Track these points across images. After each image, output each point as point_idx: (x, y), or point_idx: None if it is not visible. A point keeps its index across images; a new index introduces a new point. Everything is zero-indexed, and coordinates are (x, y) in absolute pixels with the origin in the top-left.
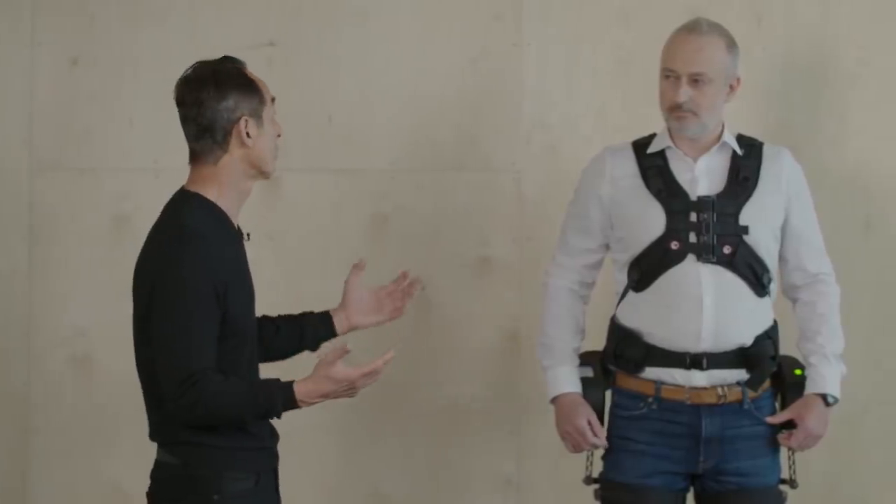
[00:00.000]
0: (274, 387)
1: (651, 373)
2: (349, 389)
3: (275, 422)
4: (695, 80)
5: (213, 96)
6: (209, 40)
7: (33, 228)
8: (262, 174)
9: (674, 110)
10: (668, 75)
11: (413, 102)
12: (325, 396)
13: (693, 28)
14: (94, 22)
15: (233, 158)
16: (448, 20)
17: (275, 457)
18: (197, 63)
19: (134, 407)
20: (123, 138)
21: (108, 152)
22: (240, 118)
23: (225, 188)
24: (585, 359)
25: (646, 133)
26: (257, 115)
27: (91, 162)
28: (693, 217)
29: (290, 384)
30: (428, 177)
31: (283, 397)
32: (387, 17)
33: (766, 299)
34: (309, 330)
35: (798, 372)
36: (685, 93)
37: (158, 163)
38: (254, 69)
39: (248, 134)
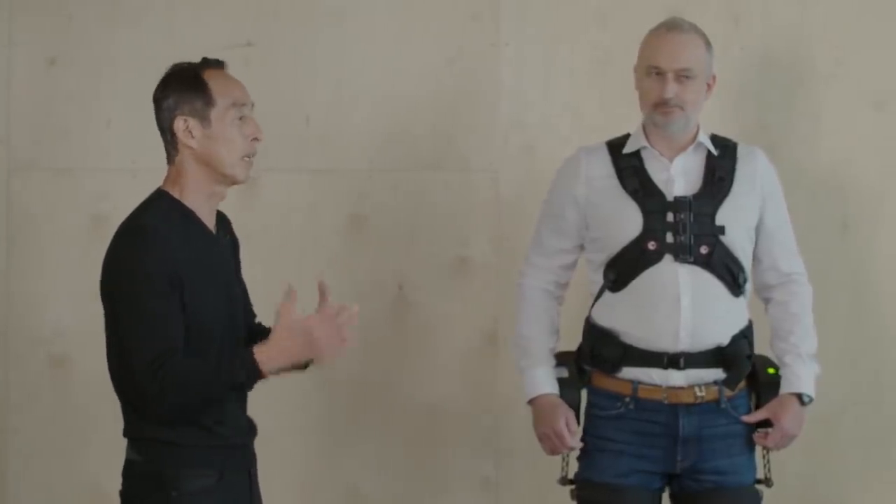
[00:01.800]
0: (236, 355)
1: (628, 373)
2: (312, 346)
3: (256, 421)
4: (680, 77)
5: (161, 97)
6: (187, 41)
7: (10, 229)
8: (224, 177)
9: (660, 106)
10: (653, 72)
11: (390, 102)
12: (288, 355)
13: (674, 26)
14: (72, 22)
15: (184, 158)
16: (425, 20)
17: (246, 455)
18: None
19: (112, 406)
20: (101, 138)
21: (86, 152)
22: (176, 118)
23: (186, 188)
24: (559, 359)
25: (623, 133)
26: (202, 116)
27: (69, 162)
28: (670, 217)
29: (250, 350)
30: (405, 177)
31: (245, 364)
32: (364, 18)
33: (742, 299)
34: None
35: (771, 371)
36: (672, 88)
37: (136, 163)
38: (231, 69)
39: (190, 134)
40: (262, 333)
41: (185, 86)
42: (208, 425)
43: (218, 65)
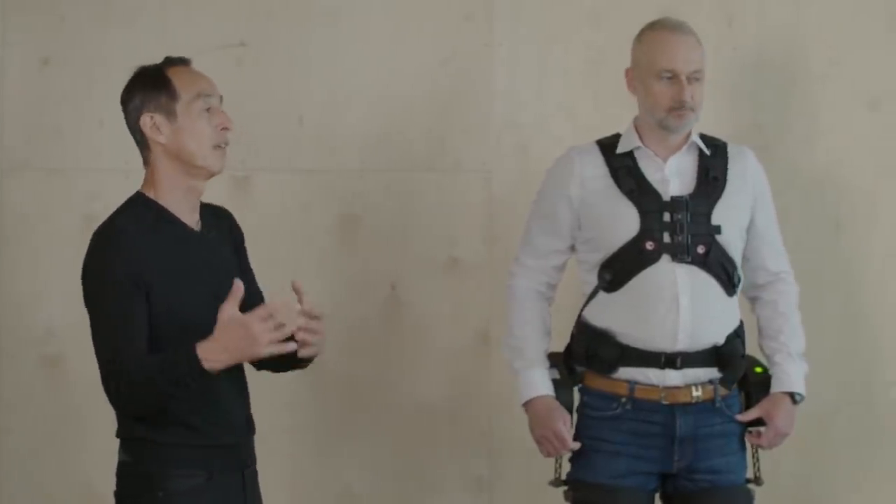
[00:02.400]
0: (179, 351)
1: (624, 373)
2: (251, 342)
3: None
4: (692, 78)
5: (126, 99)
6: (179, 41)
7: (3, 229)
8: (196, 168)
9: (676, 109)
10: (664, 76)
11: (384, 103)
12: (228, 350)
13: (677, 27)
14: (65, 22)
15: (156, 156)
16: (419, 20)
17: (240, 455)
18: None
19: (105, 407)
20: (94, 138)
21: (79, 152)
22: (142, 115)
23: (160, 187)
24: (549, 360)
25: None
26: (167, 110)
27: (61, 162)
28: (667, 217)
29: (192, 345)
30: (398, 177)
31: (186, 358)
32: (357, 18)
33: (735, 298)
34: None
35: (759, 370)
36: (689, 91)
37: (129, 163)
38: (224, 69)
39: (158, 129)
40: None
41: (149, 84)
42: (197, 425)
43: (182, 62)
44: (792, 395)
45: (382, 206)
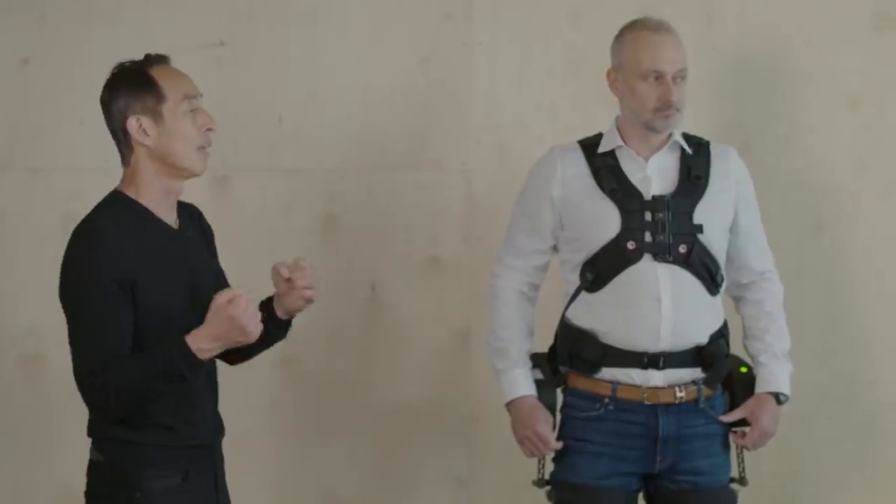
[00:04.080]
0: (167, 345)
1: (607, 373)
2: (237, 326)
3: (226, 423)
4: (677, 78)
5: (109, 99)
6: (160, 40)
7: None
8: (180, 170)
9: (662, 109)
10: (649, 76)
11: (363, 102)
12: (218, 338)
13: (659, 27)
14: (45, 21)
15: (139, 157)
16: (398, 20)
17: (212, 456)
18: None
19: (84, 406)
20: (74, 138)
21: (59, 152)
22: (128, 117)
23: (142, 187)
24: (533, 361)
25: (596, 132)
26: (154, 112)
27: (42, 161)
28: (648, 216)
29: (181, 337)
30: (378, 177)
31: (178, 351)
32: (337, 18)
33: (718, 298)
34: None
35: (744, 370)
36: (676, 91)
37: (109, 162)
38: (204, 69)
39: (145, 132)
40: None
41: (134, 85)
42: (171, 425)
43: (162, 60)
44: (777, 396)
45: (362, 205)
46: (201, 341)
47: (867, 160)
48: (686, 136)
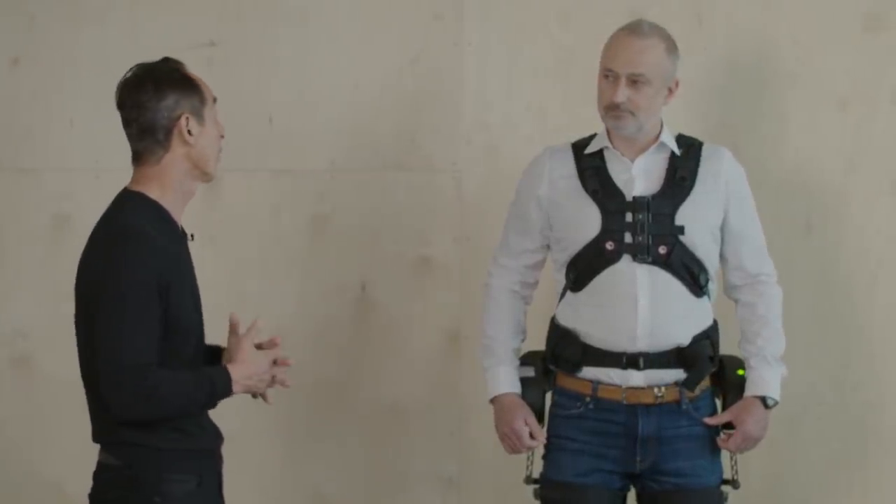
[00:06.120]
0: (213, 373)
1: (588, 372)
2: (264, 376)
3: (218, 424)
4: (633, 81)
5: (153, 97)
6: (149, 40)
7: None
8: (205, 175)
9: (611, 109)
10: (608, 75)
11: (353, 102)
12: (251, 378)
13: (634, 29)
14: (35, 22)
15: (175, 157)
16: (388, 20)
17: (218, 459)
18: (136, 65)
19: (75, 408)
20: (64, 138)
21: (49, 152)
22: (180, 116)
23: (168, 188)
24: (528, 359)
25: (586, 133)
26: (198, 114)
27: (32, 162)
28: (629, 217)
29: (226, 369)
30: (368, 177)
31: (223, 378)
32: (326, 18)
33: (705, 299)
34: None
35: (741, 372)
36: (623, 93)
37: (99, 163)
38: (194, 69)
39: (189, 132)
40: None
41: (182, 84)
42: (186, 429)
43: (183, 63)
44: (764, 400)
45: (352, 205)
46: (241, 375)
47: (856, 161)
48: (680, 137)
